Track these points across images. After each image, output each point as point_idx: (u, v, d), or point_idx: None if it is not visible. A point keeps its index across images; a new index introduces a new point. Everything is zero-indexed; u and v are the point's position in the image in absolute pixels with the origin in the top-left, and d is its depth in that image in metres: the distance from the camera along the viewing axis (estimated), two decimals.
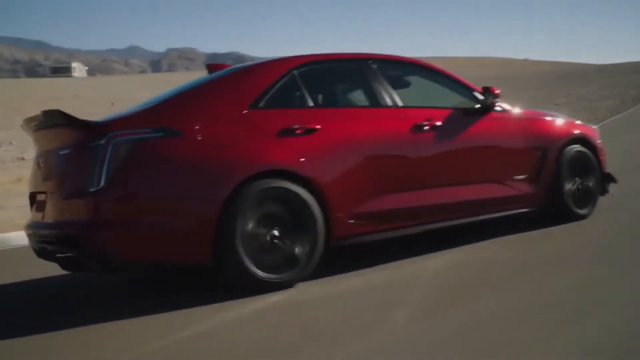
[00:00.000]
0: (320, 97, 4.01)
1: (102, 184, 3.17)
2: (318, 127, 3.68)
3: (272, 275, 3.38)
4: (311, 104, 3.86)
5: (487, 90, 4.48)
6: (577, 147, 4.89)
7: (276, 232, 3.43)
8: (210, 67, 4.38)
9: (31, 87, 61.11)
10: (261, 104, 3.64)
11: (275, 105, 3.70)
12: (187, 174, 3.32)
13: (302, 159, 3.56)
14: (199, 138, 3.37)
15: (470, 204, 4.29)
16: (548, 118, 4.99)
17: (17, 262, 5.32)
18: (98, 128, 3.32)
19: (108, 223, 3.21)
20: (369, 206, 3.79)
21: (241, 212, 3.30)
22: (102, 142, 3.21)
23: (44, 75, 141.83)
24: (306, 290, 3.42)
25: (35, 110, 3.78)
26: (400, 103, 4.11)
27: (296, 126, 3.62)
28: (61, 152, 3.44)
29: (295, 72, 3.83)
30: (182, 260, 3.36)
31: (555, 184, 4.68)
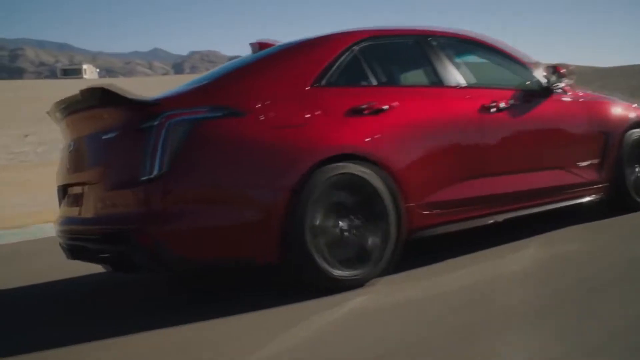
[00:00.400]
0: (383, 74, 3.65)
1: (156, 171, 2.77)
2: (386, 107, 3.32)
3: (344, 273, 3.01)
4: (375, 82, 3.49)
5: (553, 70, 4.18)
6: (638, 132, 4.59)
7: (346, 225, 3.06)
8: (256, 45, 4.02)
9: (29, 87, 60.90)
10: (323, 82, 3.27)
11: (338, 83, 3.32)
12: (251, 159, 2.93)
13: (372, 142, 3.21)
14: (261, 118, 2.98)
15: (541, 192, 3.98)
16: (608, 101, 4.68)
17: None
18: (149, 107, 2.91)
19: (163, 216, 2.80)
20: (441, 194, 3.44)
21: (310, 202, 2.92)
22: (155, 123, 2.81)
23: (55, 77, 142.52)
24: (385, 292, 3.03)
25: (12, 111, 3.39)
26: (464, 82, 3.79)
27: (364, 106, 3.25)
28: (104, 137, 3.01)
29: (356, 47, 3.46)
30: (246, 257, 2.96)
31: (618, 170, 4.38)
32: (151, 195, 2.81)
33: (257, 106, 3.00)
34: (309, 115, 3.10)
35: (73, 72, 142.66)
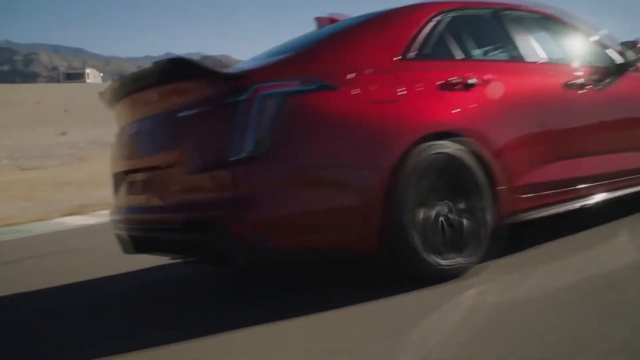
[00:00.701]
0: (466, 47, 3.40)
1: (247, 151, 2.51)
2: (475, 82, 3.09)
3: (444, 262, 2.77)
4: (459, 55, 3.25)
5: (631, 46, 3.96)
6: None
7: (442, 209, 2.82)
8: (325, 20, 3.77)
9: (14, 91, 60.58)
10: (410, 55, 3.03)
11: (424, 56, 3.09)
12: (348, 136, 2.67)
13: (466, 120, 2.99)
14: (354, 92, 2.73)
15: (628, 173, 3.75)
16: None
17: None
18: (236, 80, 2.66)
19: (257, 200, 2.53)
20: (532, 177, 3.21)
21: (409, 184, 2.69)
22: (244, 97, 2.54)
23: (57, 81, 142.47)
24: (492, 284, 2.77)
25: None
26: (544, 58, 3.57)
27: (454, 80, 3.03)
28: (182, 115, 2.75)
29: (439, 18, 3.24)
30: (342, 247, 2.69)
31: None
32: (242, 178, 2.54)
33: (349, 79, 2.76)
34: (402, 90, 2.87)
35: (76, 77, 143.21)
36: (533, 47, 3.57)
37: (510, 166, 3.09)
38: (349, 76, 2.77)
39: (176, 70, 2.77)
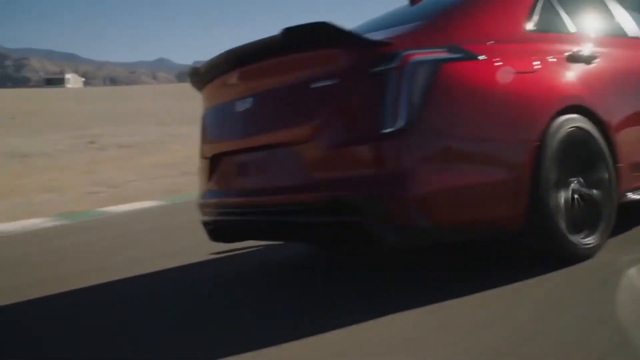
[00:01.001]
0: (577, 21, 3.28)
1: (400, 122, 2.32)
2: (595, 56, 3.02)
3: (582, 240, 2.67)
4: (572, 29, 3.14)
5: None
6: None
7: (575, 185, 2.73)
8: None
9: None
10: (530, 27, 2.91)
11: (542, 29, 2.97)
12: (497, 108, 2.55)
13: (592, 94, 2.90)
14: (497, 62, 2.60)
15: None
16: None
17: None
18: (379, 47, 2.48)
19: (414, 176, 2.35)
20: None
21: (549, 159, 2.58)
22: (394, 65, 2.37)
23: (36, 86, 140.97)
24: None
25: None
26: None
27: (578, 54, 2.95)
28: (314, 86, 2.55)
29: None
30: (497, 225, 2.54)
31: None
32: (398, 152, 2.35)
33: (489, 48, 2.63)
34: (537, 62, 2.76)
35: (56, 82, 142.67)
36: (631, 22, 3.49)
37: (625, 143, 3.00)
38: (488, 46, 2.65)
39: (309, 38, 2.56)
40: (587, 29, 3.34)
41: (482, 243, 2.99)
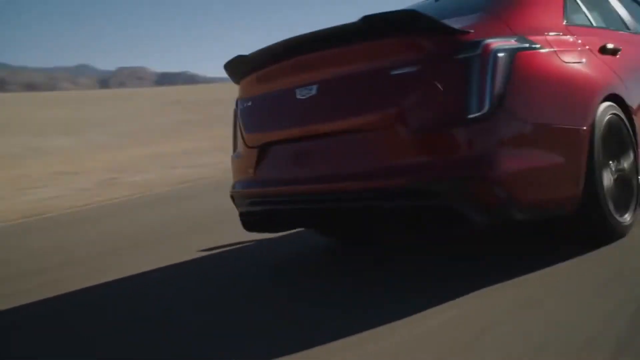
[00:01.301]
0: (597, 17, 3.67)
1: (486, 108, 2.46)
2: (619, 49, 3.37)
3: (620, 220, 2.95)
4: (595, 23, 3.55)
5: None
6: None
7: (613, 168, 3.03)
8: None
9: None
10: (567, 22, 3.21)
11: (576, 23, 3.31)
12: (562, 95, 2.81)
13: (622, 84, 3.24)
14: (554, 52, 2.85)
15: None
16: None
17: None
18: (460, 35, 2.60)
19: (501, 158, 2.50)
20: None
21: (598, 143, 2.86)
22: (478, 52, 2.51)
23: None
24: None
25: None
26: None
27: (607, 46, 3.28)
28: (394, 73, 2.61)
29: None
30: (560, 205, 2.75)
31: None
32: (485, 135, 2.50)
33: (545, 39, 2.86)
34: (582, 53, 3.06)
35: None
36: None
37: None
38: (544, 36, 2.87)
39: (392, 25, 2.67)
40: (606, 24, 3.76)
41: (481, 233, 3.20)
